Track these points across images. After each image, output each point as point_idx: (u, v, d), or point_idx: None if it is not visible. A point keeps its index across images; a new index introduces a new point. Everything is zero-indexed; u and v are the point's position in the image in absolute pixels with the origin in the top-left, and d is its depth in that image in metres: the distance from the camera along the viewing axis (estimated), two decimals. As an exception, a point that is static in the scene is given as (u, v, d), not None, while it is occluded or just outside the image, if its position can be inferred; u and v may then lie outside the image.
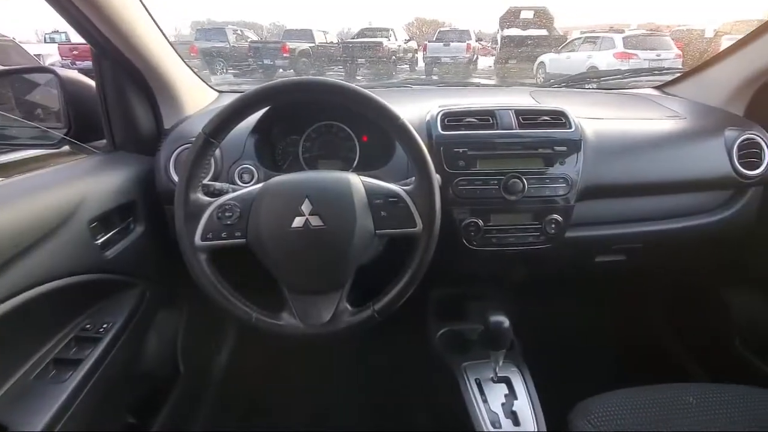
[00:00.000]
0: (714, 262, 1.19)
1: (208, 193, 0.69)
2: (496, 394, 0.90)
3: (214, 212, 0.66)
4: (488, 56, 11.26)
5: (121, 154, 0.90)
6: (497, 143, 0.87)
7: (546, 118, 0.91)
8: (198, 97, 1.06)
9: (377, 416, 1.27)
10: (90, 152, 0.89)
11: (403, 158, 0.85)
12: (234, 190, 0.70)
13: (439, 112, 0.91)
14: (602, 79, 1.57)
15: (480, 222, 0.87)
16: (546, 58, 8.37)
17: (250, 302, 0.68)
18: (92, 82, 0.90)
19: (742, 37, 1.03)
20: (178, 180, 0.67)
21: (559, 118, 0.91)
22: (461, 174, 0.86)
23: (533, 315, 1.15)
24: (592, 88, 1.44)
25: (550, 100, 1.12)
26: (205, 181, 0.71)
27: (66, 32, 8.68)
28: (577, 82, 1.45)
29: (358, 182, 0.68)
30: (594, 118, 0.98)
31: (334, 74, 8.42)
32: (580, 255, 1.02)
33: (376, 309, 0.68)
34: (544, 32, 9.85)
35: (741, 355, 1.17)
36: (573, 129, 0.89)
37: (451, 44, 9.86)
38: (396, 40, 11.04)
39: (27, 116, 0.99)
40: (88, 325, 0.78)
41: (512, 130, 0.88)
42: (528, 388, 0.90)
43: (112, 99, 0.88)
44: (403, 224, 0.67)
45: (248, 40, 10.14)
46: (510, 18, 10.06)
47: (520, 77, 9.10)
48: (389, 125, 0.68)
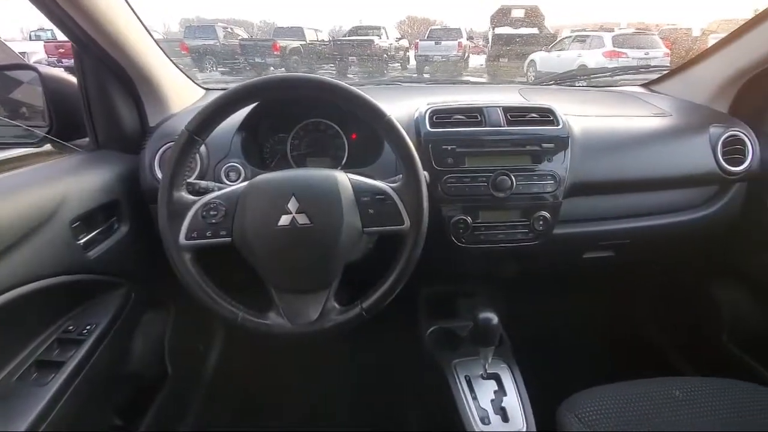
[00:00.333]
0: (700, 258, 1.21)
1: (192, 192, 0.68)
2: (486, 391, 0.90)
3: (199, 211, 0.65)
4: (480, 54, 11.28)
5: (103, 152, 0.89)
6: (485, 140, 0.87)
7: (534, 115, 0.91)
8: (184, 95, 1.05)
9: (368, 415, 1.27)
10: (72, 151, 0.88)
11: (392, 156, 0.85)
12: (220, 189, 0.69)
13: (428, 110, 0.91)
14: (591, 77, 1.57)
15: (469, 219, 0.87)
16: (537, 56, 8.42)
17: (236, 302, 0.68)
18: (75, 80, 0.88)
19: (725, 35, 1.04)
20: (161, 178, 0.66)
21: (546, 116, 0.91)
22: (450, 171, 0.86)
23: (523, 311, 1.16)
24: (580, 86, 1.45)
25: (539, 98, 1.13)
26: (191, 179, 0.70)
27: (52, 29, 8.52)
28: (565, 79, 1.46)
29: (345, 180, 0.68)
30: (581, 115, 0.98)
31: (326, 72, 8.37)
32: (569, 251, 1.03)
33: (364, 307, 0.68)
34: (535, 31, 9.89)
35: (727, 350, 1.19)
36: (561, 126, 0.90)
37: (442, 42, 9.86)
38: (387, 38, 11.04)
39: (8, 114, 0.97)
40: (71, 327, 0.77)
41: (500, 127, 0.89)
42: (517, 385, 0.91)
43: (95, 96, 0.86)
44: (391, 222, 0.67)
45: (238, 37, 10.05)
46: (501, 16, 10.07)
47: (511, 75, 9.12)
48: (376, 122, 0.68)
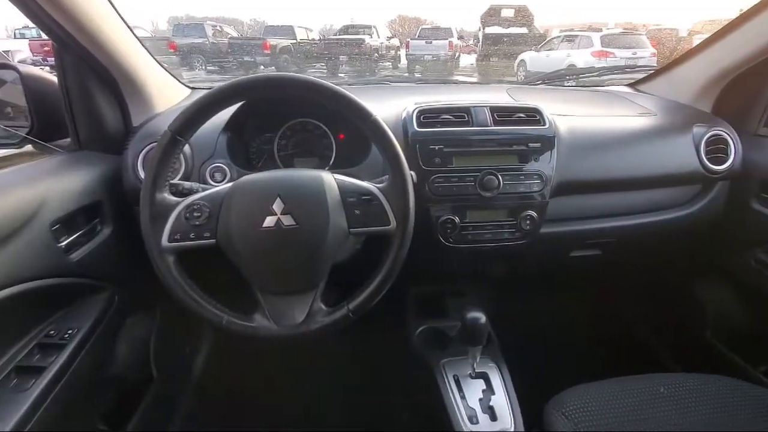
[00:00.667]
0: (685, 257, 1.22)
1: (176, 193, 0.67)
2: (474, 390, 0.90)
3: (182, 212, 0.64)
4: (470, 54, 11.33)
5: (85, 153, 0.87)
6: (472, 140, 0.88)
7: (521, 115, 0.91)
8: (169, 94, 1.03)
9: (357, 415, 1.27)
10: (53, 151, 0.86)
11: (380, 156, 0.84)
12: (204, 190, 0.68)
13: (415, 110, 0.91)
14: (578, 76, 1.59)
15: (456, 219, 0.87)
16: (526, 56, 8.50)
17: (221, 304, 0.67)
18: (56, 79, 0.86)
19: (709, 35, 1.05)
20: (143, 179, 0.65)
21: (533, 115, 0.91)
22: (437, 171, 0.86)
23: (511, 310, 1.16)
24: (568, 86, 1.46)
25: (526, 98, 1.13)
26: (175, 180, 0.69)
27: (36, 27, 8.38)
28: (553, 79, 1.47)
29: (331, 180, 0.67)
30: (568, 115, 0.99)
31: (316, 71, 8.33)
32: (556, 250, 1.03)
33: (351, 308, 0.67)
34: (524, 30, 9.97)
35: (712, 346, 1.21)
36: (547, 126, 0.90)
37: (433, 42, 9.89)
38: (378, 37, 11.03)
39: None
40: (53, 331, 0.75)
41: (487, 127, 0.89)
42: (505, 383, 0.91)
43: (76, 96, 0.84)
44: (377, 222, 0.67)
45: (228, 36, 9.95)
46: (491, 16, 10.13)
47: (501, 75, 9.18)
48: (362, 122, 0.67)
